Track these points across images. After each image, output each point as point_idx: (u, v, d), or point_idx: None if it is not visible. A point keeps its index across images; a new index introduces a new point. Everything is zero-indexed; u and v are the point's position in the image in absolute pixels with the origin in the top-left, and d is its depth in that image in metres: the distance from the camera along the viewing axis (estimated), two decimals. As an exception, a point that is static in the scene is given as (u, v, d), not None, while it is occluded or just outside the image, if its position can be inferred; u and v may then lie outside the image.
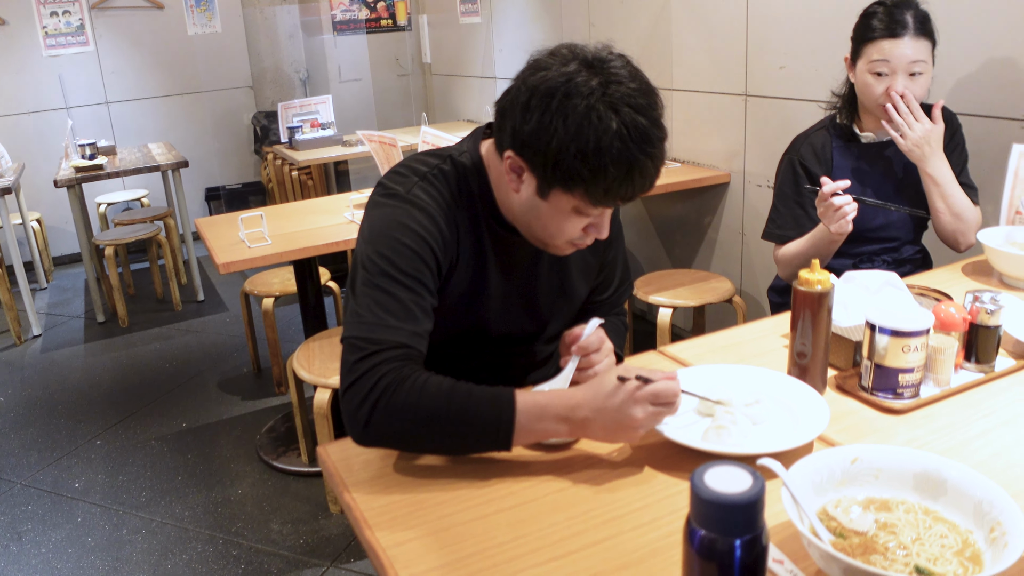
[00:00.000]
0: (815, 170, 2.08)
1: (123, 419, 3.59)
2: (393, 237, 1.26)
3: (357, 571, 2.48)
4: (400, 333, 1.20)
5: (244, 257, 2.64)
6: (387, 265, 1.24)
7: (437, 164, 1.36)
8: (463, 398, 1.15)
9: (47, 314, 5.12)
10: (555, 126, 1.15)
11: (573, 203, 1.22)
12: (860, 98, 2.04)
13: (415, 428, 1.15)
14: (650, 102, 1.17)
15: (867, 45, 1.96)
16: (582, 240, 1.31)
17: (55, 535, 2.77)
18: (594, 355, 1.35)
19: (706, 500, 0.70)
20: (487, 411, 1.14)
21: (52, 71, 5.98)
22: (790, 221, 2.11)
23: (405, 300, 1.23)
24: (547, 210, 1.25)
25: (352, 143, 4.84)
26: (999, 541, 0.87)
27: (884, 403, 1.30)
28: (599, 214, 1.27)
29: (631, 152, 1.14)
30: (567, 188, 1.19)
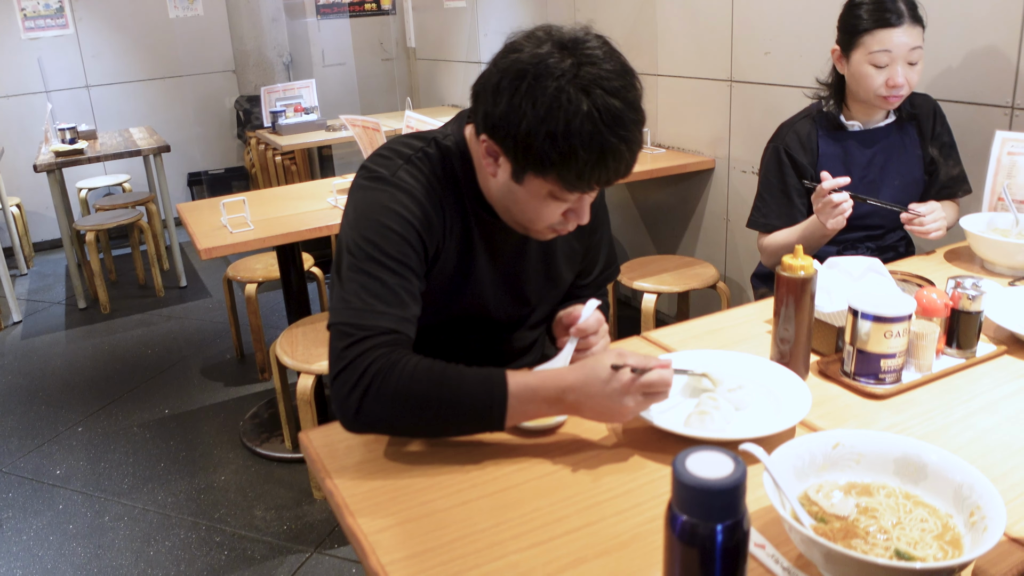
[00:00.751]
0: (801, 159, 2.08)
1: (105, 406, 3.56)
2: (378, 221, 1.25)
3: (341, 557, 2.48)
4: (388, 318, 1.19)
5: (226, 242, 2.62)
6: (373, 249, 1.23)
7: (422, 147, 1.34)
8: (454, 382, 1.14)
9: (27, 300, 5.07)
10: (525, 108, 1.13)
11: (548, 187, 1.20)
12: (855, 89, 2.02)
13: (407, 413, 1.14)
14: (625, 84, 1.15)
15: (864, 36, 1.93)
16: (563, 226, 1.30)
17: (36, 522, 2.75)
18: (592, 337, 1.35)
19: (688, 485, 0.70)
20: (479, 394, 1.14)
21: (31, 54, 5.91)
22: (775, 210, 2.11)
23: (392, 285, 1.22)
24: (523, 195, 1.24)
25: (336, 128, 4.81)
26: (978, 525, 0.87)
27: (866, 388, 1.30)
28: (577, 199, 1.25)
29: (602, 135, 1.12)
30: (540, 172, 1.17)
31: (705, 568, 0.73)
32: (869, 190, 2.08)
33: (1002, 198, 1.98)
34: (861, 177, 2.08)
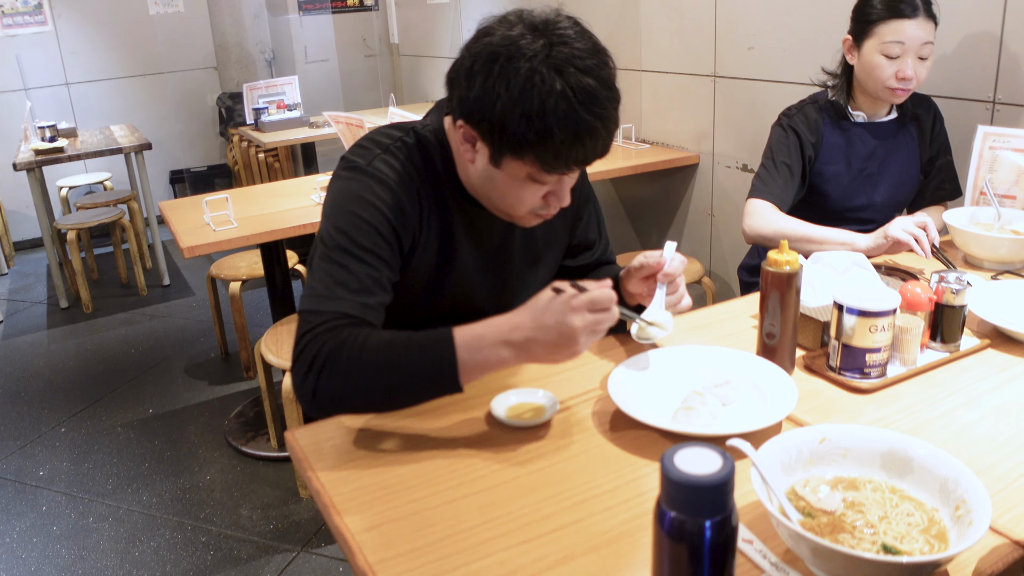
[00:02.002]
0: (807, 141, 2.08)
1: (88, 406, 3.54)
2: (351, 211, 1.26)
3: (328, 556, 2.47)
4: (346, 304, 1.20)
5: (209, 240, 2.60)
6: (343, 239, 1.24)
7: (400, 137, 1.34)
8: (403, 347, 1.14)
9: (8, 300, 5.02)
10: (498, 91, 1.13)
11: (526, 170, 1.20)
12: (863, 80, 2.02)
13: (360, 387, 1.14)
14: (599, 62, 1.15)
15: (878, 25, 1.93)
16: (544, 210, 1.29)
17: (19, 524, 2.72)
18: (678, 279, 1.37)
19: (676, 482, 0.70)
20: (428, 354, 1.13)
21: (9, 51, 5.84)
22: (780, 183, 2.07)
23: (359, 273, 1.23)
24: (502, 179, 1.24)
25: (319, 125, 4.78)
26: (964, 519, 0.87)
27: (851, 383, 1.31)
28: (556, 181, 1.25)
29: (577, 114, 1.12)
30: (517, 154, 1.17)
31: (694, 564, 0.73)
32: (867, 183, 2.09)
33: (984, 192, 1.99)
34: (860, 169, 2.09)
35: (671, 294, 1.37)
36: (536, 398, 1.29)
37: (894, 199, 2.12)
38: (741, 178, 3.26)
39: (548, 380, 1.37)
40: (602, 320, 1.11)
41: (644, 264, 1.37)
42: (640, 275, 1.37)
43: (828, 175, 2.08)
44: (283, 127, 4.81)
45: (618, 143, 3.70)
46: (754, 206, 2.05)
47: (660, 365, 1.34)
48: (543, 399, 1.29)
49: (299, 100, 5.08)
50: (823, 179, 2.09)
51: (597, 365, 1.43)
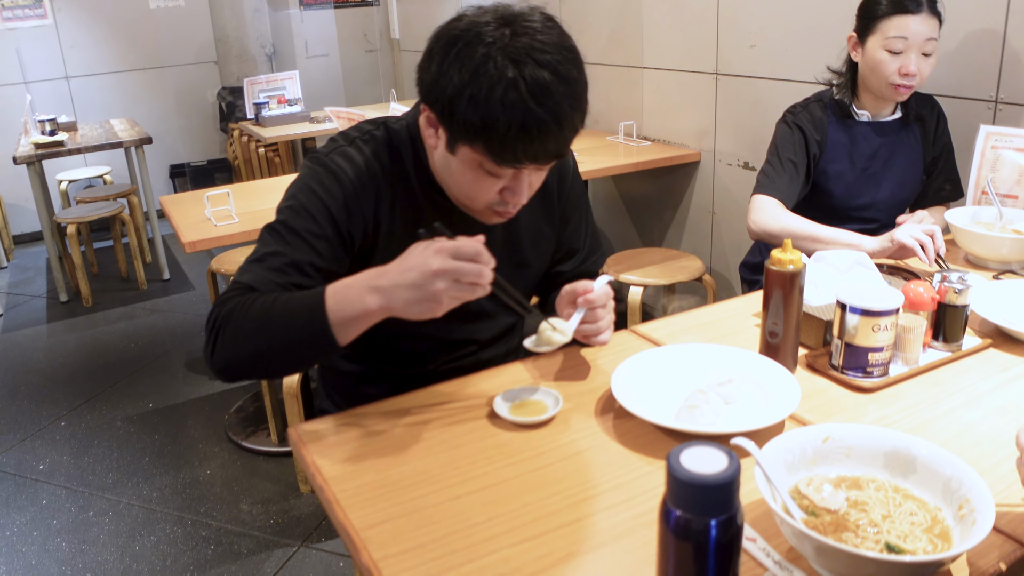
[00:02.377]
0: (812, 138, 2.08)
1: (88, 400, 3.54)
2: (295, 197, 1.29)
3: (328, 550, 2.48)
4: (254, 277, 1.23)
5: (211, 235, 2.60)
6: (279, 224, 1.27)
7: (370, 130, 1.36)
8: (281, 306, 1.16)
9: (8, 293, 5.02)
10: (451, 73, 1.13)
11: (478, 159, 1.19)
12: (867, 76, 2.03)
13: (249, 350, 1.18)
14: (561, 59, 1.13)
15: (881, 21, 1.94)
16: (502, 207, 1.28)
17: (20, 518, 2.73)
18: (599, 310, 1.34)
19: (682, 481, 0.70)
20: (302, 311, 1.14)
21: (9, 44, 5.83)
22: (786, 180, 2.07)
23: (281, 252, 1.25)
24: (457, 167, 1.24)
25: (320, 120, 4.78)
26: (967, 518, 0.88)
27: (854, 382, 1.31)
28: (511, 176, 1.23)
29: (526, 105, 1.10)
30: (467, 140, 1.16)
31: (699, 563, 0.73)
32: (871, 182, 2.09)
33: (986, 192, 1.99)
34: (863, 168, 2.09)
35: (589, 322, 1.35)
36: (540, 395, 1.30)
37: (897, 198, 2.12)
38: (742, 176, 3.26)
39: (552, 377, 1.37)
40: (464, 270, 1.07)
41: (572, 289, 1.36)
42: (569, 298, 1.36)
43: (832, 173, 2.09)
44: (283, 122, 4.81)
45: (619, 140, 3.70)
46: (760, 202, 2.04)
47: (663, 363, 1.35)
48: (546, 396, 1.29)
49: (300, 95, 5.07)
50: (827, 177, 2.09)
51: (601, 362, 1.43)
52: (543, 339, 1.30)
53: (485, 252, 1.10)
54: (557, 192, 1.50)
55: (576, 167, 1.56)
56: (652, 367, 1.33)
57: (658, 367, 1.34)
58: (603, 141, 3.76)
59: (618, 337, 1.55)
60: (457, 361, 1.51)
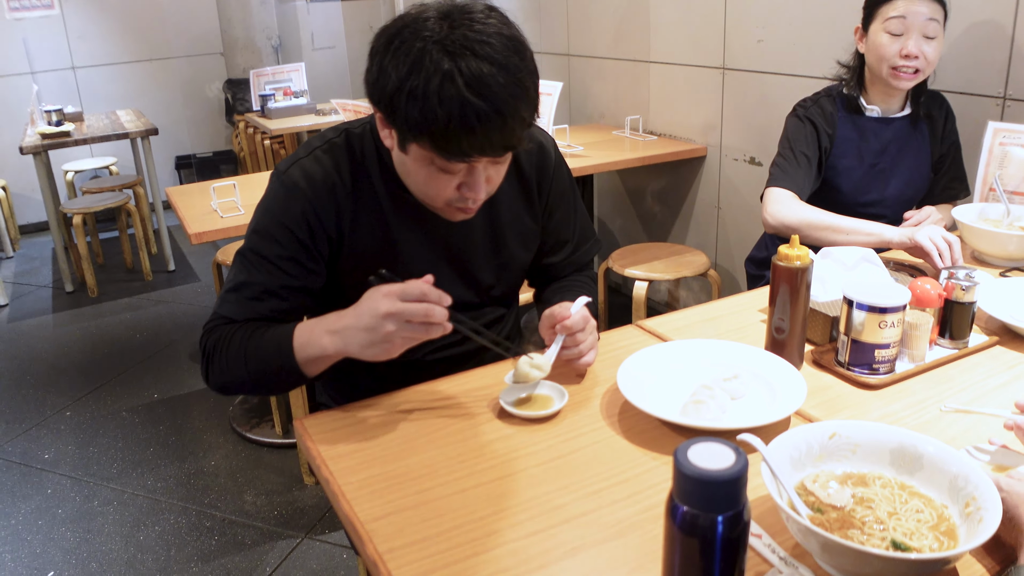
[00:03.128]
0: (823, 132, 2.07)
1: (93, 390, 3.55)
2: (260, 221, 1.34)
3: (332, 542, 2.48)
4: (233, 309, 1.31)
5: (216, 227, 2.60)
6: (249, 247, 1.33)
7: (331, 138, 1.36)
8: (255, 345, 1.26)
9: (14, 283, 5.03)
10: (390, 69, 1.13)
11: (428, 155, 1.19)
12: (871, 64, 2.02)
13: (234, 378, 1.29)
14: (502, 47, 1.12)
15: (882, 5, 1.95)
16: (462, 203, 1.27)
17: (25, 507, 2.74)
18: (579, 334, 1.34)
19: (689, 476, 0.70)
20: (273, 351, 1.24)
21: (16, 35, 5.84)
22: (801, 173, 2.05)
23: (254, 281, 1.31)
24: (411, 165, 1.24)
25: (326, 112, 4.78)
26: (974, 516, 0.88)
27: (860, 378, 1.31)
28: (465, 172, 1.22)
29: (464, 97, 1.09)
30: (414, 137, 1.16)
31: (705, 558, 0.73)
32: (879, 178, 2.08)
33: (993, 189, 1.99)
34: (872, 164, 2.08)
35: (570, 347, 1.34)
36: (545, 390, 1.30)
37: (905, 195, 2.12)
38: (749, 171, 3.26)
39: (557, 372, 1.37)
40: (411, 310, 1.11)
41: (551, 314, 1.35)
42: (548, 324, 1.36)
43: (841, 168, 2.08)
44: (289, 114, 4.81)
45: (625, 134, 3.70)
46: (776, 195, 2.02)
47: (669, 358, 1.35)
48: (552, 390, 1.29)
49: (306, 87, 5.07)
50: (836, 172, 2.08)
51: (606, 357, 1.43)
52: (521, 375, 1.29)
53: (433, 292, 1.13)
54: (538, 185, 1.50)
55: (560, 158, 1.54)
56: (658, 362, 1.33)
57: (664, 362, 1.34)
58: (609, 135, 3.75)
59: (623, 332, 1.55)
60: (444, 351, 1.50)
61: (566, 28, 4.13)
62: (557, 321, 1.33)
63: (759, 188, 3.19)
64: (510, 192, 1.46)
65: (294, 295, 1.34)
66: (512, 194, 1.47)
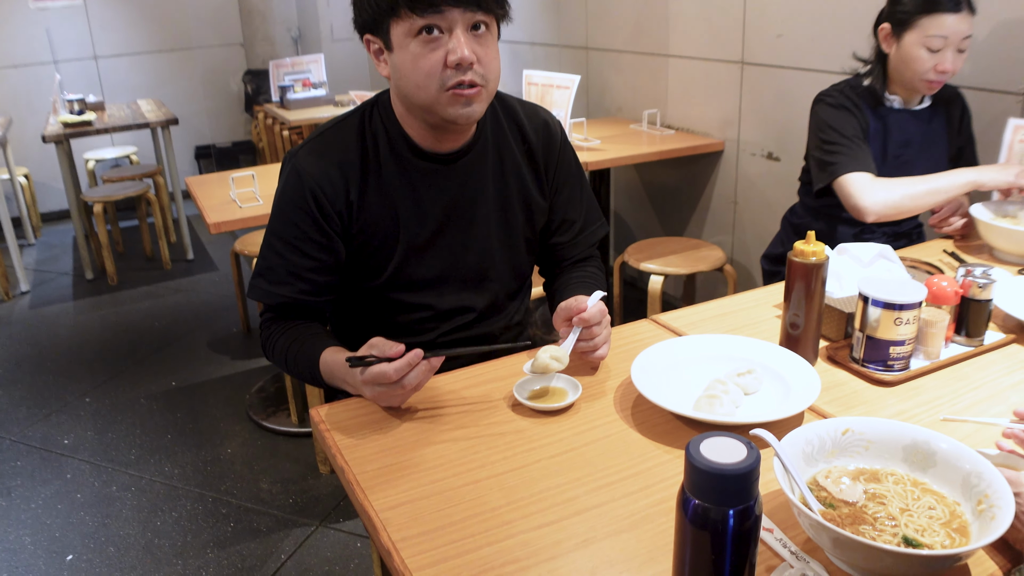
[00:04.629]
0: (860, 117, 2.04)
1: (112, 377, 3.59)
2: (279, 207, 1.41)
3: (346, 531, 2.50)
4: (262, 295, 1.42)
5: (235, 217, 2.62)
6: (272, 235, 1.41)
7: (344, 117, 1.45)
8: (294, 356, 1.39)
9: (35, 270, 5.09)
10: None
11: (405, 28, 1.26)
12: (900, 69, 1.98)
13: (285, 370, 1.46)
14: None
15: (922, 18, 1.89)
16: (454, 77, 1.27)
17: (45, 491, 2.78)
18: (595, 328, 1.35)
19: (701, 470, 0.71)
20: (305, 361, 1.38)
21: (39, 24, 5.88)
22: (866, 152, 1.99)
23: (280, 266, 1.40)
24: (400, 58, 1.29)
25: (344, 103, 4.79)
26: (986, 513, 0.88)
27: (874, 375, 1.31)
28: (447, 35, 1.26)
29: None
30: (391, 14, 1.25)
31: (716, 552, 0.74)
32: (903, 170, 2.06)
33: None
34: (896, 156, 2.07)
35: (586, 340, 1.35)
36: (559, 382, 1.30)
37: None
38: (766, 166, 3.24)
39: (571, 365, 1.37)
40: (390, 393, 1.22)
41: (567, 307, 1.36)
42: (564, 316, 1.37)
43: None
44: (308, 105, 4.83)
45: (643, 128, 3.69)
46: (858, 181, 1.93)
47: (684, 352, 1.35)
48: (566, 383, 1.30)
49: (324, 78, 5.09)
50: None
51: (621, 351, 1.44)
52: (540, 366, 1.30)
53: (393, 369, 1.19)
54: (545, 160, 1.53)
55: (565, 138, 1.58)
56: (672, 356, 1.34)
57: (678, 356, 1.34)
58: (626, 129, 3.74)
59: (638, 326, 1.56)
60: (456, 332, 1.53)
61: (584, 21, 4.12)
62: (573, 314, 1.34)
63: (776, 183, 3.19)
64: (519, 162, 1.51)
65: (317, 274, 1.42)
66: (521, 164, 1.51)
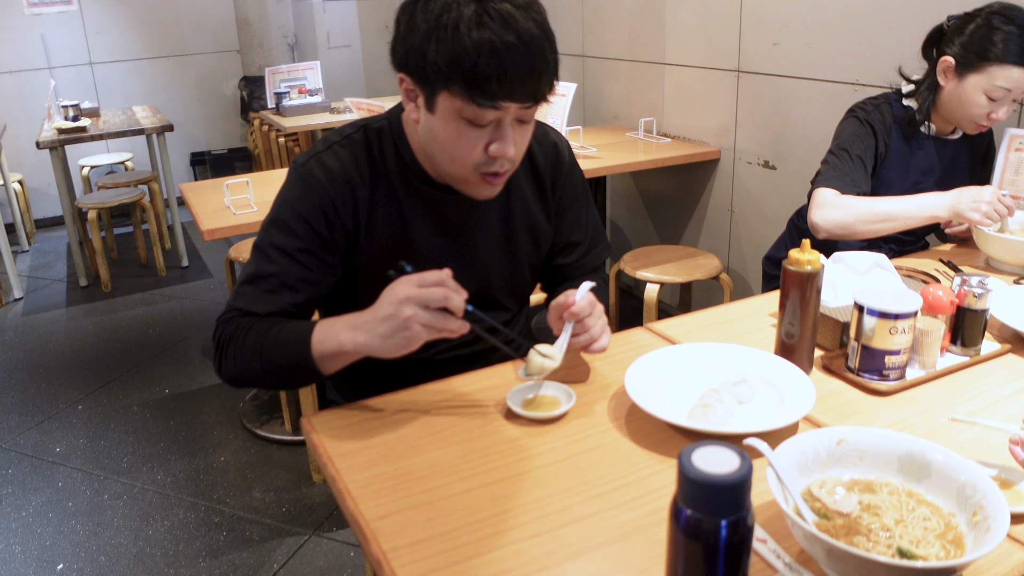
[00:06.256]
0: (880, 139, 2.01)
1: (105, 384, 3.57)
2: (278, 213, 1.35)
3: (339, 540, 2.49)
4: (248, 302, 1.32)
5: (229, 224, 2.61)
6: (266, 239, 1.34)
7: (349, 133, 1.38)
8: (273, 339, 1.26)
9: (29, 277, 5.07)
10: (419, 23, 1.17)
11: (456, 107, 1.19)
12: (951, 106, 1.94)
13: (248, 370, 1.29)
14: (525, 2, 1.17)
15: (994, 65, 1.83)
16: (489, 166, 1.26)
17: (36, 499, 2.76)
18: (587, 320, 1.33)
19: (693, 480, 0.70)
20: (290, 345, 1.24)
21: (34, 30, 5.88)
22: (856, 175, 1.97)
23: (270, 273, 1.32)
24: (439, 125, 1.24)
25: (340, 110, 4.79)
26: (981, 525, 0.87)
27: (870, 384, 1.30)
28: (493, 126, 1.23)
29: (491, 31, 1.12)
30: (444, 83, 1.18)
31: (708, 562, 0.73)
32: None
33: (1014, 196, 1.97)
34: (916, 182, 2.03)
35: (579, 334, 1.34)
36: (552, 391, 1.30)
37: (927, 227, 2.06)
38: (762, 175, 3.24)
39: (565, 374, 1.37)
40: (429, 294, 1.12)
41: (557, 304, 1.35)
42: (555, 314, 1.36)
43: (885, 180, 2.02)
44: (304, 112, 4.82)
45: (639, 136, 3.69)
46: (822, 197, 1.94)
47: (678, 361, 1.34)
48: (559, 392, 1.29)
49: (320, 85, 5.08)
50: (879, 183, 2.02)
51: (614, 360, 1.43)
52: (534, 367, 1.29)
53: (451, 280, 1.14)
54: (552, 183, 1.51)
55: (574, 160, 1.56)
56: (666, 365, 1.33)
57: (672, 365, 1.33)
58: (623, 137, 3.74)
59: (633, 334, 1.55)
60: (454, 350, 1.51)
61: (581, 29, 4.13)
62: (563, 310, 1.33)
63: (773, 192, 3.20)
64: (525, 188, 1.48)
65: (310, 288, 1.35)
66: (527, 190, 1.48)
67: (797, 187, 3.06)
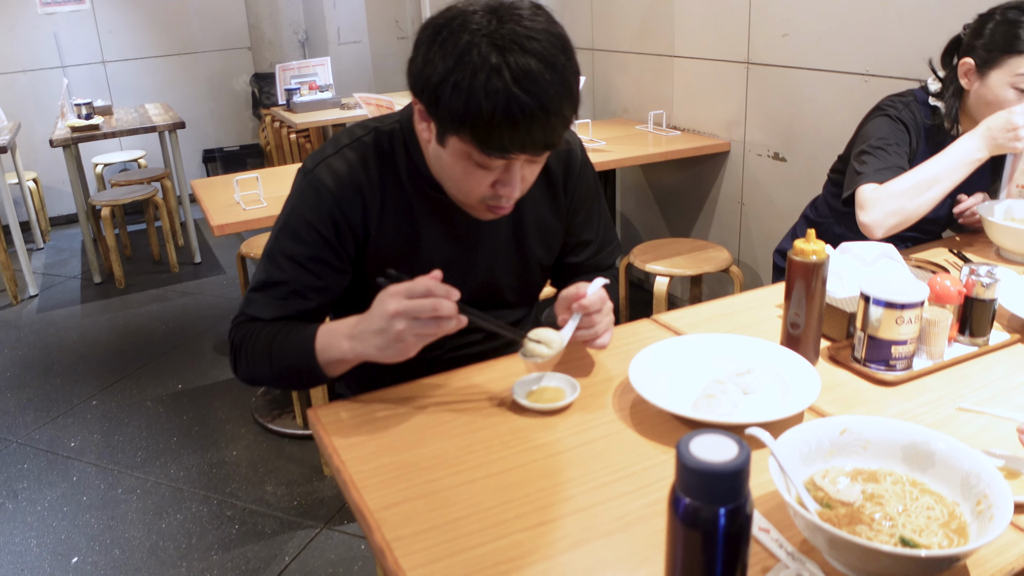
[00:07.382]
0: (913, 135, 1.95)
1: (119, 380, 3.60)
2: (287, 220, 1.34)
3: (351, 533, 2.50)
4: (258, 310, 1.33)
5: (239, 219, 2.63)
6: (276, 251, 1.34)
7: (359, 136, 1.36)
8: (280, 345, 1.28)
9: (43, 274, 5.11)
10: (436, 60, 1.12)
11: (466, 149, 1.17)
12: (979, 108, 1.88)
13: (259, 374, 1.33)
14: (549, 46, 1.11)
15: (1012, 57, 1.78)
16: (495, 201, 1.27)
17: (51, 493, 2.78)
18: (595, 315, 1.33)
19: (691, 468, 0.70)
20: (295, 352, 1.27)
21: (47, 29, 5.91)
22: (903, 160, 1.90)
23: (283, 282, 1.33)
24: (448, 159, 1.23)
25: (350, 106, 4.80)
26: (985, 514, 0.86)
27: (876, 375, 1.29)
28: (503, 169, 1.22)
29: (510, 91, 1.08)
30: (454, 130, 1.15)
31: (707, 551, 0.73)
32: None
33: (1020, 185, 1.95)
34: None
35: (586, 328, 1.32)
36: (557, 382, 1.30)
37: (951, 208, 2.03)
38: (772, 166, 3.23)
39: (570, 365, 1.37)
40: (418, 307, 1.12)
41: (566, 295, 1.34)
42: (564, 304, 1.34)
43: None
44: (315, 108, 4.83)
45: (649, 129, 3.68)
46: (865, 194, 1.83)
47: (682, 352, 1.34)
48: (564, 383, 1.29)
49: (331, 81, 5.10)
50: None
51: (619, 351, 1.43)
52: (528, 352, 1.29)
53: (439, 287, 1.13)
54: (564, 184, 1.49)
55: (586, 158, 1.53)
56: (671, 356, 1.33)
57: (677, 356, 1.33)
58: (632, 130, 3.73)
59: (638, 326, 1.55)
60: (463, 349, 1.51)
61: (590, 22, 4.12)
62: (573, 301, 1.32)
63: (783, 184, 3.18)
64: (536, 190, 1.45)
65: (320, 295, 1.35)
66: (538, 191, 1.46)
67: (807, 179, 3.04)
